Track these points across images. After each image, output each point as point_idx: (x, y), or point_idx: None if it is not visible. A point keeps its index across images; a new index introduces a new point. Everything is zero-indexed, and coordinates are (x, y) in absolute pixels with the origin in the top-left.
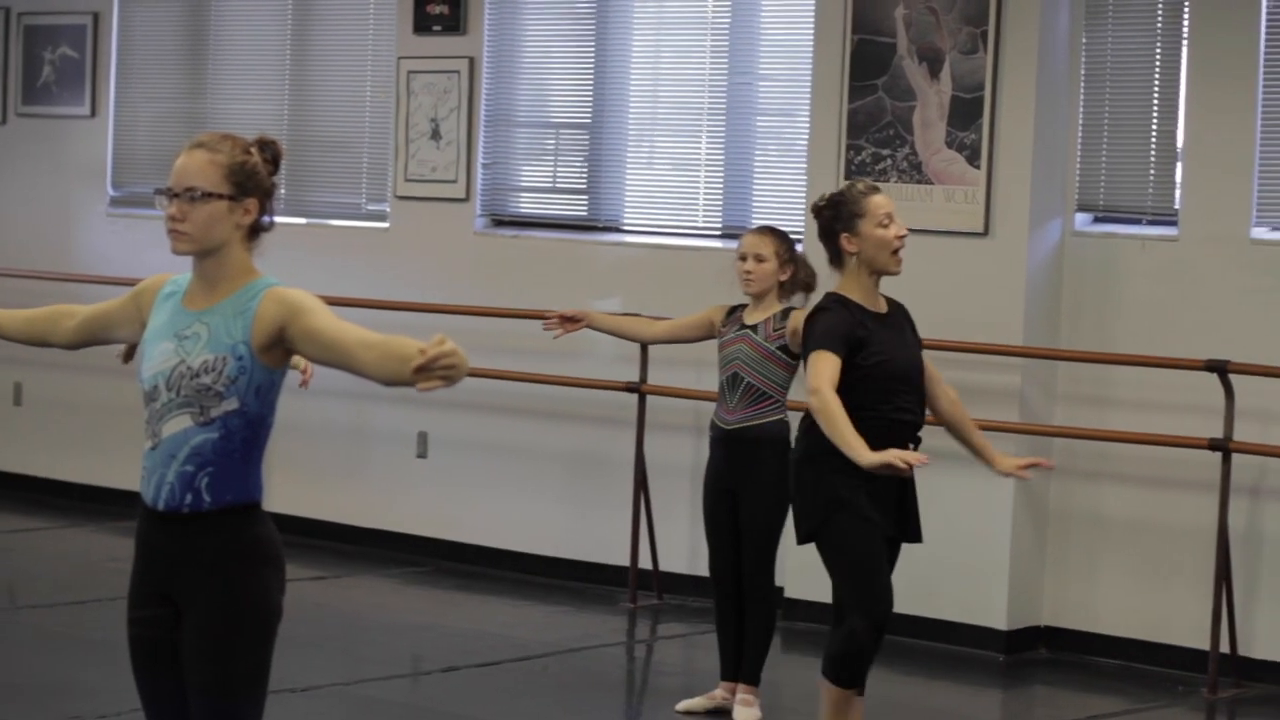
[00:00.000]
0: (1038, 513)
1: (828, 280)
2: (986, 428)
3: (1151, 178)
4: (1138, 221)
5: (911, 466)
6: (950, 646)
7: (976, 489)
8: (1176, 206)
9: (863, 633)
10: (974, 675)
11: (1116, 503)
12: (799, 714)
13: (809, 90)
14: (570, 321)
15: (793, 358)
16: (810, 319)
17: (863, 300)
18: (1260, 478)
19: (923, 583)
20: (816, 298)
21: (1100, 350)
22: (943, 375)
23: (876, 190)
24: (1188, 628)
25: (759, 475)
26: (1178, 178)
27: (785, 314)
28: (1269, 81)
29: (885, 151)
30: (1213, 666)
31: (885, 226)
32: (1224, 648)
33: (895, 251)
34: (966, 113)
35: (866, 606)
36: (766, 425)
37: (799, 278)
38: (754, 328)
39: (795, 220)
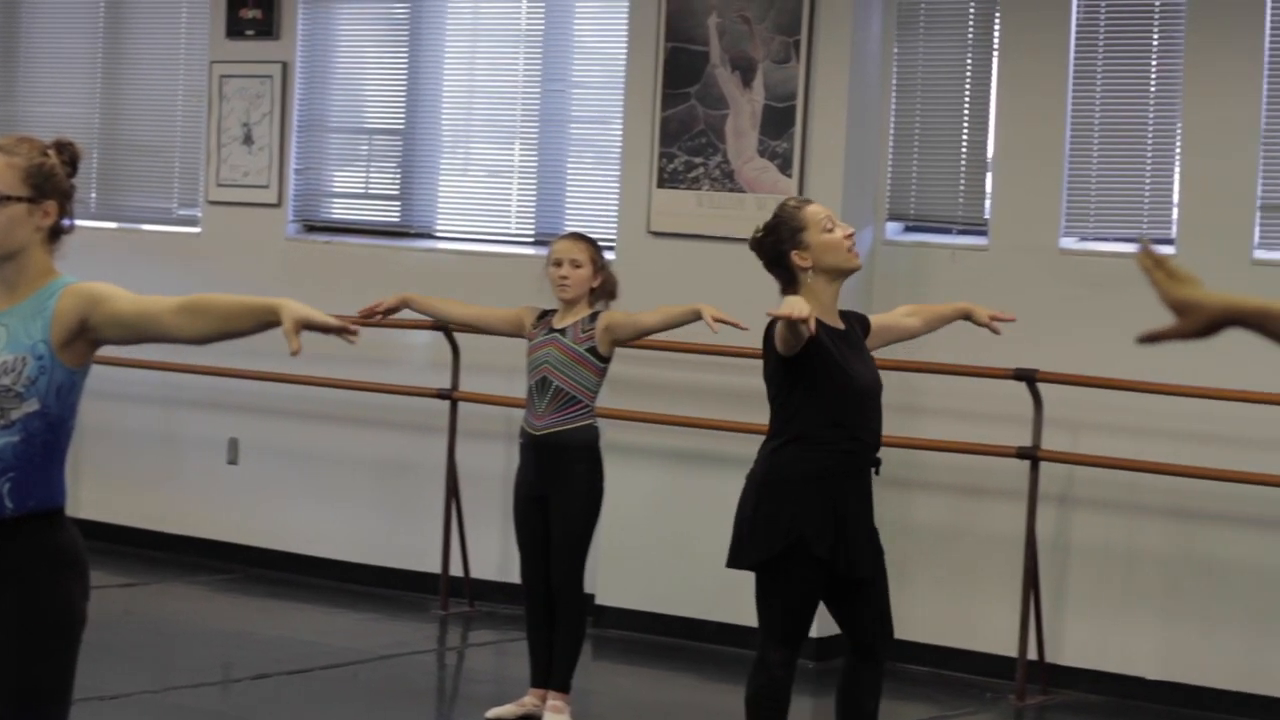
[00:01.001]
0: None
1: (631, 293)
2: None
3: (962, 188)
4: (948, 231)
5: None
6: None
7: None
8: (986, 216)
9: (777, 664)
10: None
11: (926, 511)
12: None
13: (622, 98)
14: (391, 312)
15: (601, 360)
16: (765, 339)
17: (822, 313)
18: (1068, 486)
19: (731, 589)
20: (619, 305)
21: (910, 359)
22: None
23: (809, 201)
24: (997, 635)
25: (569, 481)
26: (988, 187)
27: (593, 317)
28: (1078, 93)
29: (698, 159)
30: (1021, 673)
31: (830, 230)
32: (1032, 654)
33: (849, 251)
34: (779, 121)
35: (782, 639)
36: (576, 430)
37: (607, 284)
38: (562, 331)
39: (608, 227)
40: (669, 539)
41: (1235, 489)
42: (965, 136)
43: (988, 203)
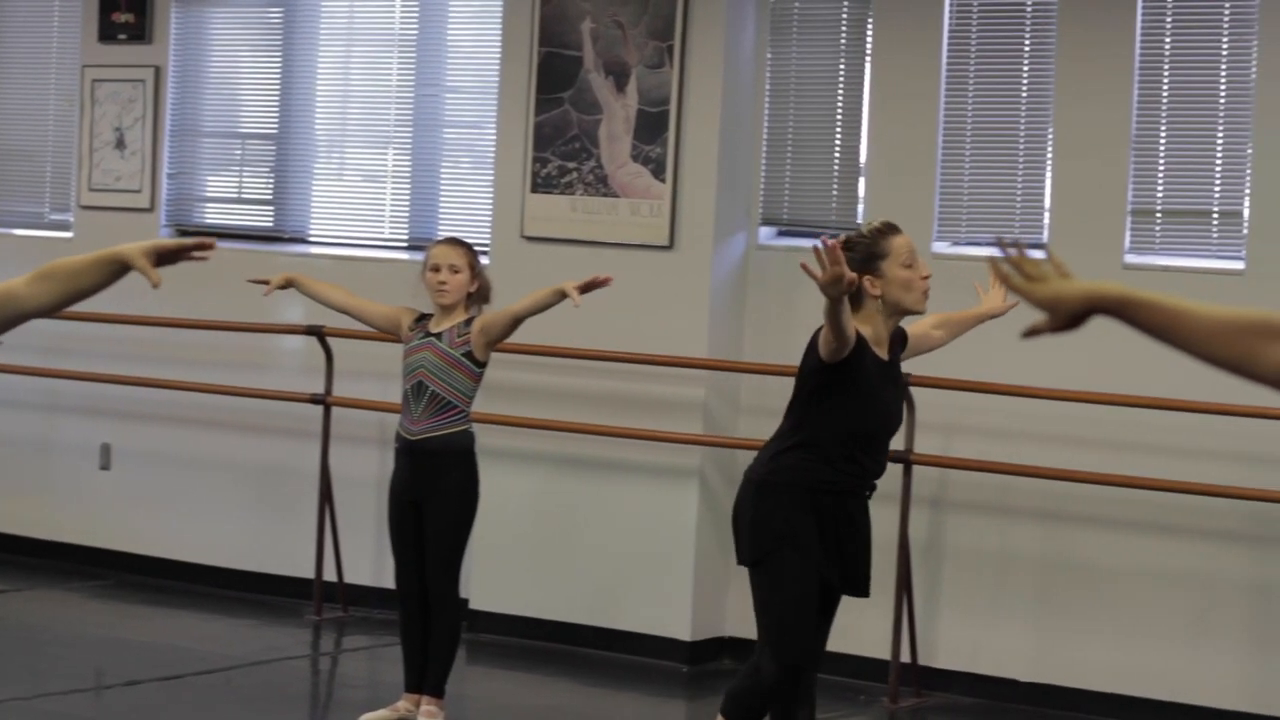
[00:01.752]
0: (720, 523)
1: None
2: (670, 439)
3: (835, 192)
4: (821, 235)
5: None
6: (634, 658)
7: (661, 499)
8: (859, 221)
9: (768, 675)
10: (658, 686)
11: None
12: None
13: (496, 102)
14: (282, 288)
15: (478, 365)
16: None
17: (873, 341)
18: (941, 490)
19: (607, 594)
20: (492, 308)
21: (783, 363)
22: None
23: (897, 230)
24: (870, 638)
25: (444, 486)
26: (861, 192)
27: (469, 322)
28: (950, 98)
29: (571, 164)
30: (894, 676)
31: (909, 267)
32: (905, 657)
33: (923, 293)
34: (652, 126)
35: (781, 651)
36: (451, 436)
37: (483, 289)
38: (439, 335)
39: (481, 232)
40: (545, 544)
41: (1106, 491)
42: (838, 141)
43: (861, 207)
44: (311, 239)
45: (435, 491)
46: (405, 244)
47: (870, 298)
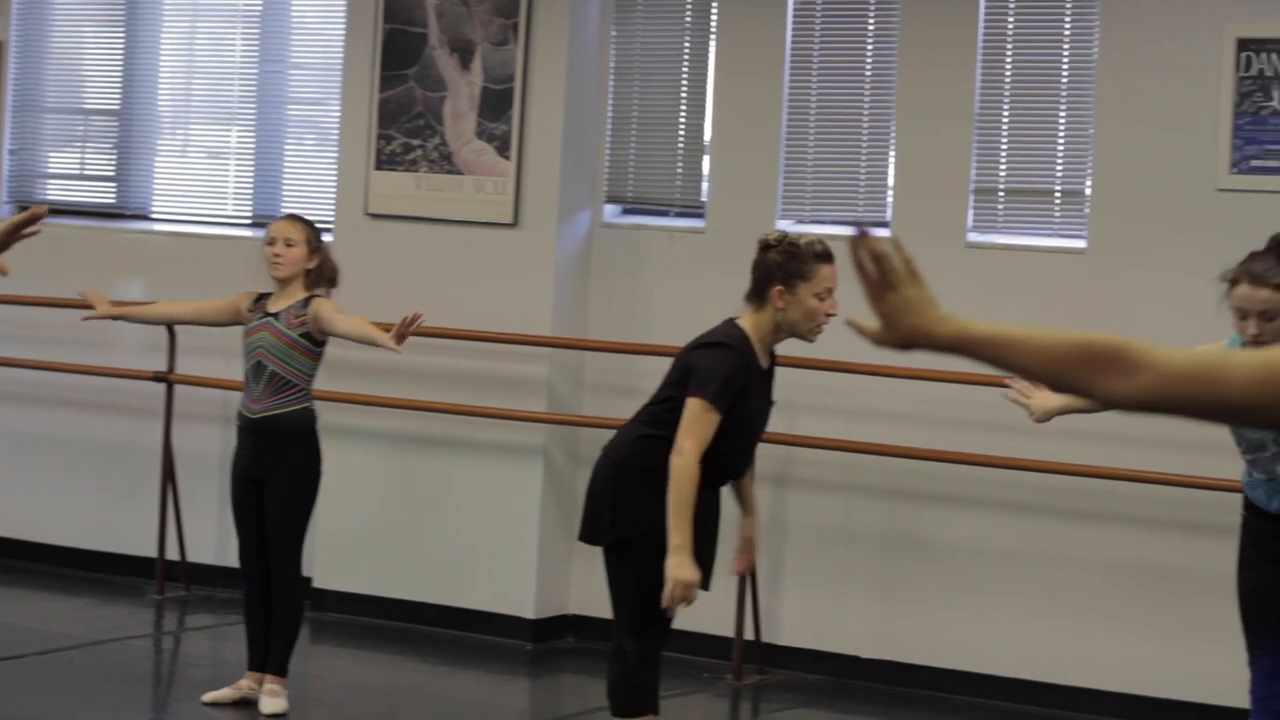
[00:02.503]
0: (565, 501)
1: (350, 275)
2: (515, 417)
3: (679, 171)
4: (665, 214)
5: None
6: (479, 635)
7: (505, 477)
8: (704, 199)
9: (632, 653)
10: (502, 664)
11: None
12: (325, 705)
13: (340, 79)
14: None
15: (316, 345)
16: (711, 352)
17: (758, 348)
18: (785, 467)
19: (451, 571)
20: (341, 294)
21: (628, 341)
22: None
23: (829, 260)
24: (713, 615)
25: (285, 465)
26: (705, 170)
27: (307, 302)
28: (794, 77)
29: (416, 141)
30: (738, 653)
31: (822, 299)
32: (749, 635)
33: (820, 327)
34: (497, 104)
35: (638, 629)
36: (292, 414)
37: (324, 269)
38: (276, 315)
39: (326, 210)
40: (389, 522)
41: (950, 469)
42: (683, 120)
43: (705, 186)
44: (154, 216)
45: (276, 470)
46: (249, 221)
47: (776, 308)
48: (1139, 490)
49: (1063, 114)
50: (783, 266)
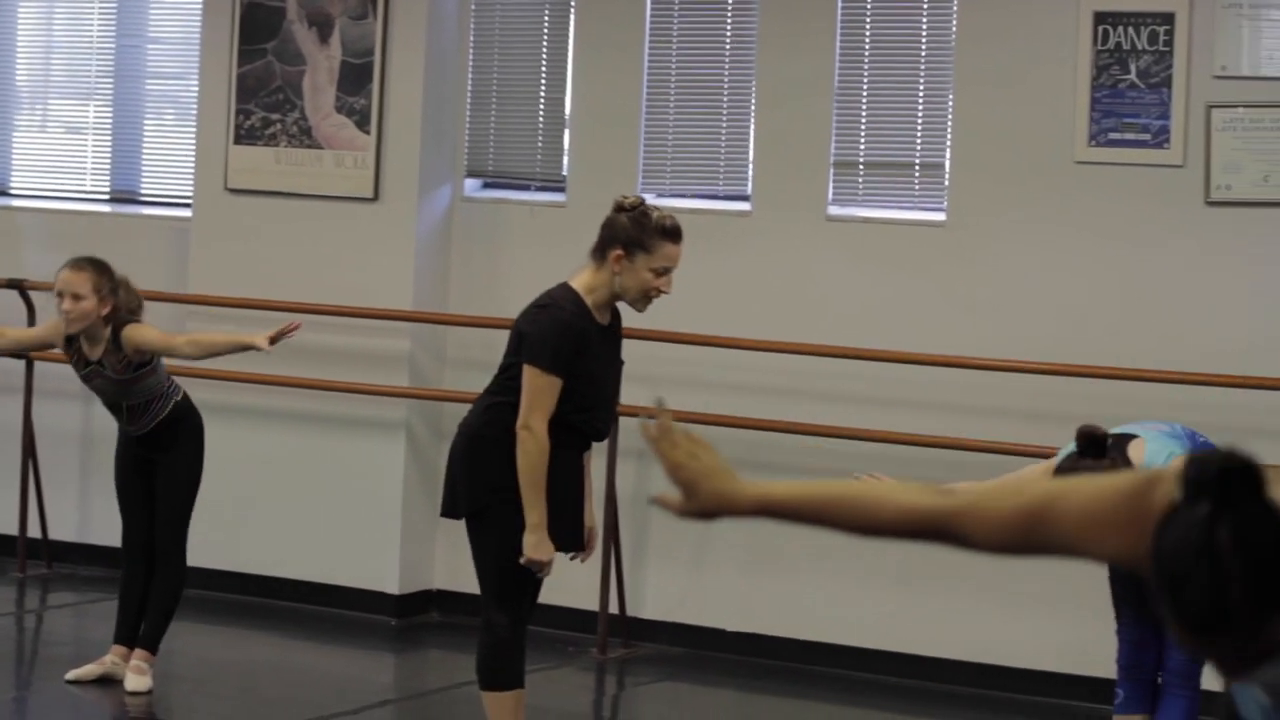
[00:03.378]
0: (428, 476)
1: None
2: (377, 392)
3: (540, 145)
4: (526, 188)
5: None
6: (342, 611)
7: (368, 453)
8: (564, 173)
9: (502, 626)
10: (366, 640)
11: None
12: (188, 681)
13: (198, 53)
14: None
15: (148, 364)
16: (537, 316)
17: (593, 305)
18: (644, 442)
19: (314, 547)
20: (202, 269)
21: (489, 315)
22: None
23: (675, 240)
24: (578, 589)
25: (174, 447)
26: (565, 144)
27: (117, 339)
28: (654, 50)
29: (275, 116)
30: (602, 627)
31: (657, 275)
32: (613, 608)
33: (648, 300)
34: (356, 78)
35: (505, 600)
36: (169, 415)
37: (121, 307)
38: (100, 363)
39: (184, 184)
40: (251, 498)
41: (808, 441)
42: (543, 93)
43: (565, 160)
44: (12, 192)
45: (166, 451)
46: (107, 197)
47: (614, 271)
48: (990, 460)
49: (922, 87)
50: (628, 232)
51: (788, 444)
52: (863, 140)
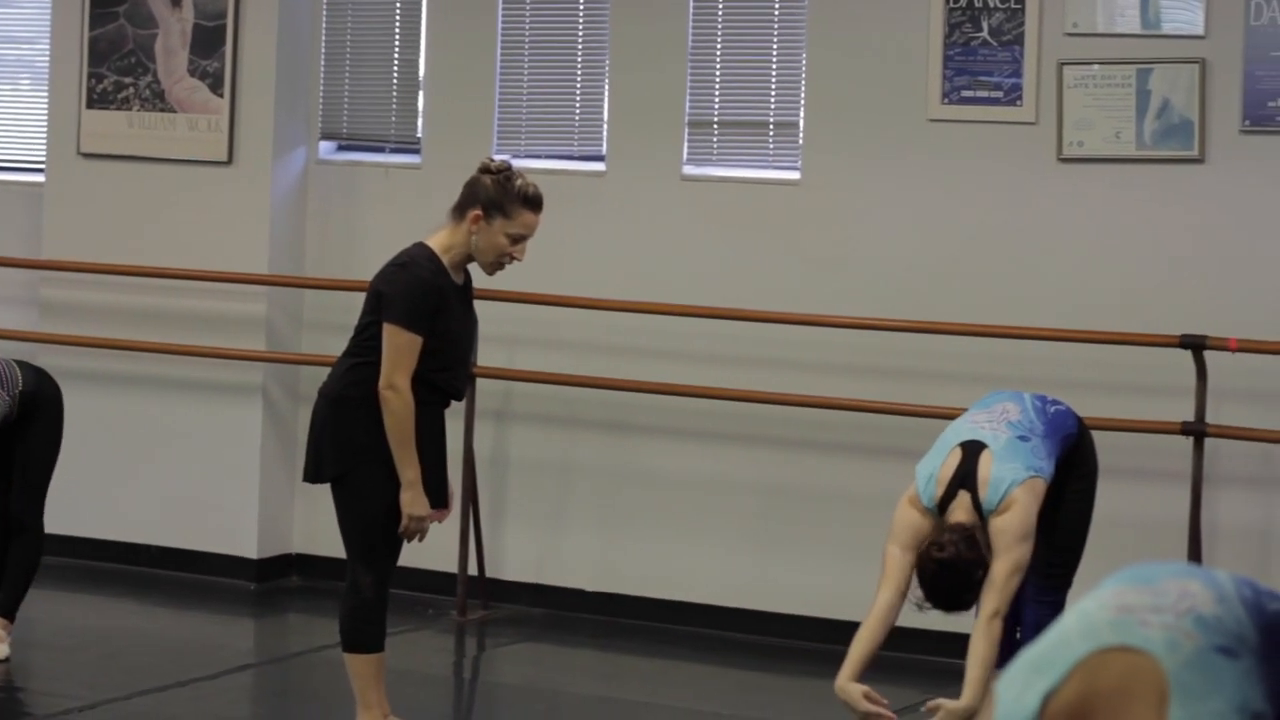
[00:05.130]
0: (285, 439)
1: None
2: (233, 356)
3: (394, 106)
4: (381, 150)
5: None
6: (201, 576)
7: (224, 416)
8: (419, 135)
9: (368, 587)
10: (226, 605)
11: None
12: (47, 649)
13: (49, 17)
14: None
15: None
16: (395, 275)
17: (450, 266)
18: (505, 402)
19: (172, 512)
20: (54, 234)
21: (346, 278)
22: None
23: (535, 209)
24: (439, 551)
25: (35, 417)
26: (420, 106)
27: None
28: (508, 10)
29: (128, 80)
30: (462, 589)
31: (512, 242)
32: (472, 570)
33: (500, 265)
34: (209, 41)
35: (372, 561)
36: (21, 396)
37: None
38: None
39: (37, 149)
40: (108, 464)
41: (668, 401)
42: (397, 55)
43: (420, 121)
44: None
45: (23, 426)
46: None
47: (468, 229)
48: (850, 418)
49: (775, 46)
50: (490, 194)
51: (645, 404)
52: (717, 100)
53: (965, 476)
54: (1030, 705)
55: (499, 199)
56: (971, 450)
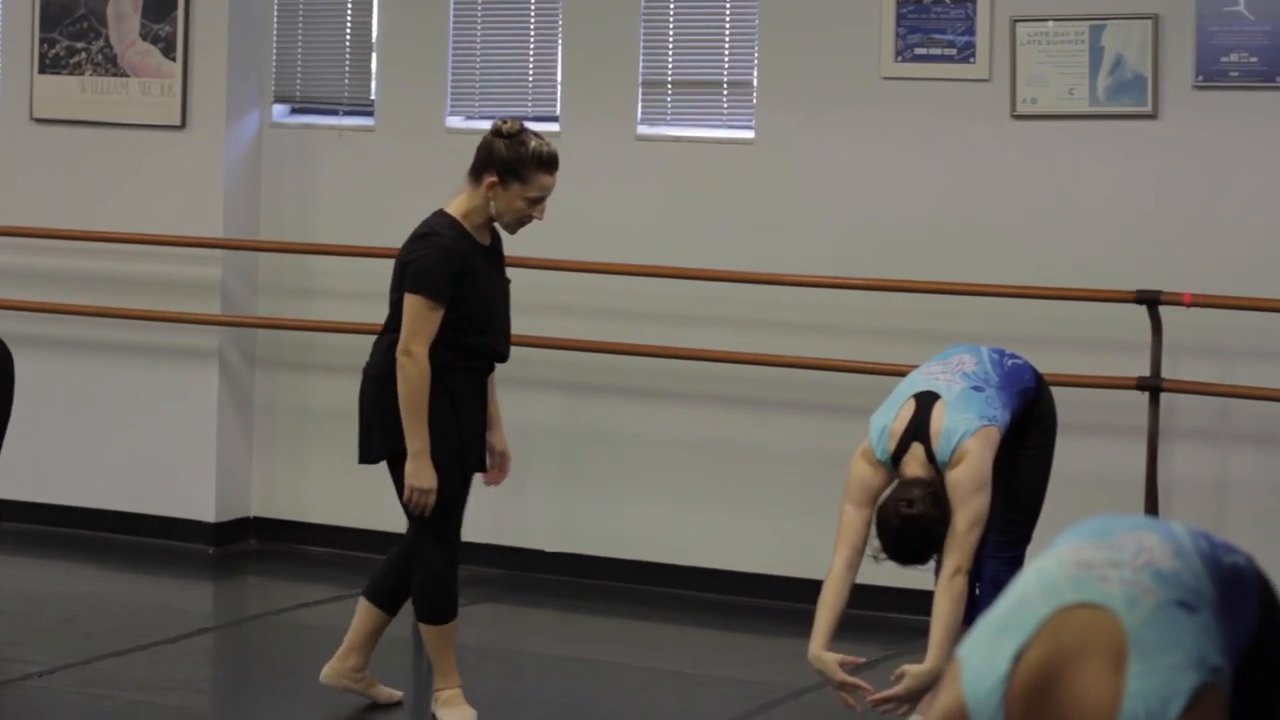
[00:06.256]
0: (243, 404)
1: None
2: (189, 320)
3: (347, 69)
4: (334, 112)
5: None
6: (159, 541)
7: (180, 381)
8: (373, 97)
9: (436, 561)
10: (184, 569)
11: (322, 392)
12: (5, 615)
13: None
14: None
15: None
16: (415, 246)
17: (471, 228)
18: None
19: (129, 477)
20: (7, 201)
21: (301, 240)
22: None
23: (550, 170)
24: (397, 514)
25: None
26: (374, 68)
27: None
28: None
29: (80, 44)
30: None
31: (531, 205)
32: None
33: (522, 224)
34: (160, 5)
35: (438, 534)
36: None
37: None
38: None
39: None
40: (64, 429)
41: (629, 361)
42: (350, 17)
43: (374, 84)
44: None
45: None
46: None
47: (485, 193)
48: (805, 376)
49: (728, 5)
50: (503, 159)
51: (602, 364)
52: (671, 59)
53: (918, 428)
54: (1000, 667)
55: (513, 163)
56: (925, 402)
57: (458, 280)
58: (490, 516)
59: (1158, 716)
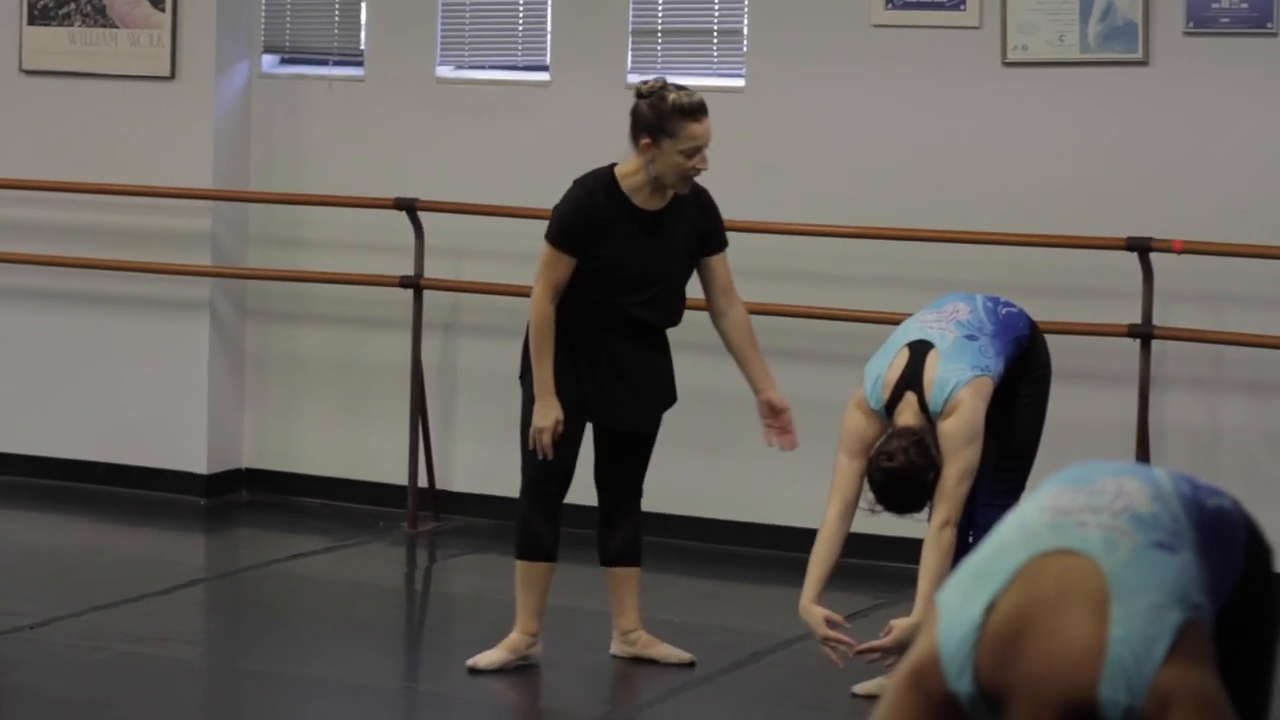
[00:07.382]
0: (233, 355)
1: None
2: (179, 271)
3: (337, 19)
4: (324, 62)
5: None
6: (150, 493)
7: (172, 333)
8: (362, 47)
9: (521, 495)
10: (176, 521)
11: (313, 343)
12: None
13: None
14: None
15: None
16: (566, 193)
17: (631, 191)
18: (452, 314)
19: (121, 429)
20: None
21: (291, 191)
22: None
23: (699, 118)
24: (388, 464)
25: None
26: (363, 18)
27: None
28: None
29: None
30: (412, 501)
31: (688, 157)
32: (422, 482)
33: (689, 178)
34: None
35: (523, 469)
36: None
37: None
38: None
39: None
40: (56, 381)
41: None
42: None
43: (363, 33)
44: None
45: None
46: None
47: (644, 156)
48: (800, 325)
49: None
50: (648, 119)
51: None
52: (660, 7)
53: (912, 377)
54: (973, 615)
55: (659, 122)
56: (919, 350)
57: (584, 236)
58: (481, 467)
59: (1143, 659)
